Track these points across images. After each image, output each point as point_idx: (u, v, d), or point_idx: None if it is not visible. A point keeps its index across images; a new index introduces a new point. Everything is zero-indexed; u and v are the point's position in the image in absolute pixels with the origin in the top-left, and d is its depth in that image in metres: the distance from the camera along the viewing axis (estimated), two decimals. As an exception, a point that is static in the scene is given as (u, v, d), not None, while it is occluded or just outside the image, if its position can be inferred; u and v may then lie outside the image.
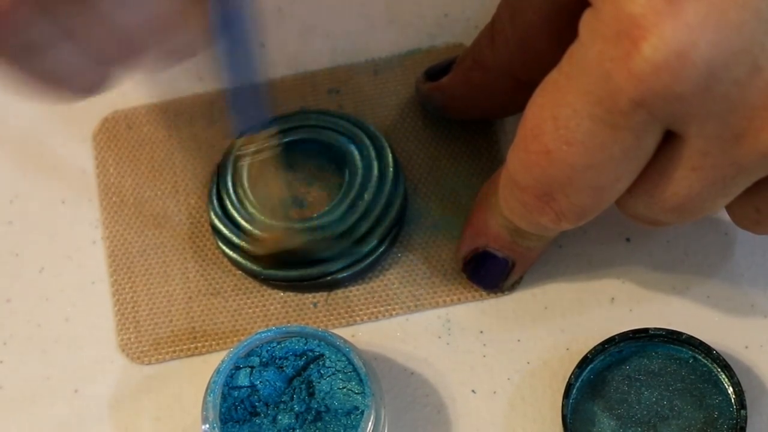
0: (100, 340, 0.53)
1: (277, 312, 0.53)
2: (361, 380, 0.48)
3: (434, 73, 0.54)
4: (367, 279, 0.53)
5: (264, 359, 0.48)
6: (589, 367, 0.50)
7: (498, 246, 0.50)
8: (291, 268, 0.52)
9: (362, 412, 0.47)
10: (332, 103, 0.56)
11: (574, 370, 0.49)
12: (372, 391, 0.47)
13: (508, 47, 0.48)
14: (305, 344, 0.48)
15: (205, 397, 0.48)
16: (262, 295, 0.53)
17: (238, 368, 0.48)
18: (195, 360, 0.52)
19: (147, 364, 0.52)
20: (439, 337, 0.52)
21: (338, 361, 0.48)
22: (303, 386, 0.48)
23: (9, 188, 0.55)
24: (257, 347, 0.49)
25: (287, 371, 0.48)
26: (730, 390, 0.49)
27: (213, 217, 0.53)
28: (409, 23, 0.57)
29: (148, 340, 0.53)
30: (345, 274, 0.53)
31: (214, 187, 0.54)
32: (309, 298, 0.53)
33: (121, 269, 0.54)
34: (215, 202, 0.54)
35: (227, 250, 0.53)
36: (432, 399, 0.51)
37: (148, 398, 0.52)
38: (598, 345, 0.49)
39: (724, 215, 0.46)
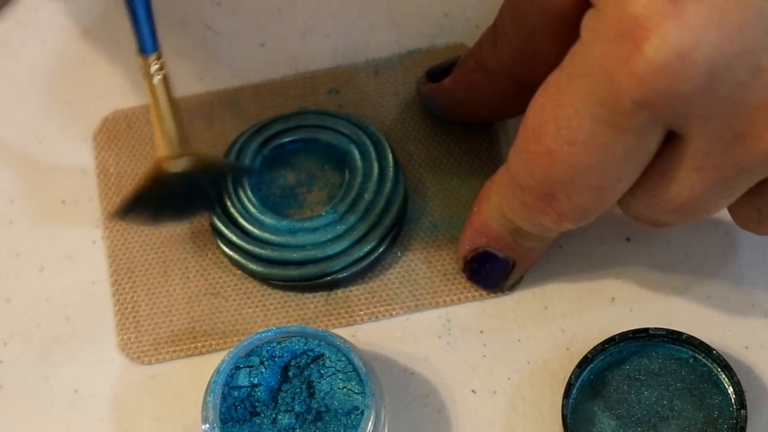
0: (100, 340, 0.53)
1: (277, 312, 0.53)
2: (361, 380, 0.48)
3: (435, 74, 0.53)
4: (367, 279, 0.53)
5: (264, 359, 0.48)
6: (589, 367, 0.50)
7: (498, 246, 0.50)
8: (291, 267, 0.52)
9: (362, 412, 0.47)
10: (332, 103, 0.56)
11: (574, 370, 0.49)
12: (372, 391, 0.47)
13: (510, 50, 0.48)
14: (305, 344, 0.48)
15: (205, 397, 0.48)
16: (262, 295, 0.53)
17: (238, 368, 0.48)
18: (195, 360, 0.52)
19: (147, 364, 0.52)
20: (440, 337, 0.52)
21: (338, 361, 0.48)
22: (303, 386, 0.48)
23: (9, 188, 0.55)
24: (257, 347, 0.49)
25: (287, 371, 0.48)
26: (731, 390, 0.49)
27: (213, 217, 0.53)
28: (409, 23, 0.57)
29: (148, 340, 0.53)
30: (345, 274, 0.53)
31: (214, 187, 0.54)
32: (309, 298, 0.53)
33: (121, 269, 0.54)
34: (215, 201, 0.54)
35: (227, 250, 0.53)
36: (432, 399, 0.51)
37: (148, 398, 0.52)
38: (598, 345, 0.49)
39: (725, 215, 0.46)
